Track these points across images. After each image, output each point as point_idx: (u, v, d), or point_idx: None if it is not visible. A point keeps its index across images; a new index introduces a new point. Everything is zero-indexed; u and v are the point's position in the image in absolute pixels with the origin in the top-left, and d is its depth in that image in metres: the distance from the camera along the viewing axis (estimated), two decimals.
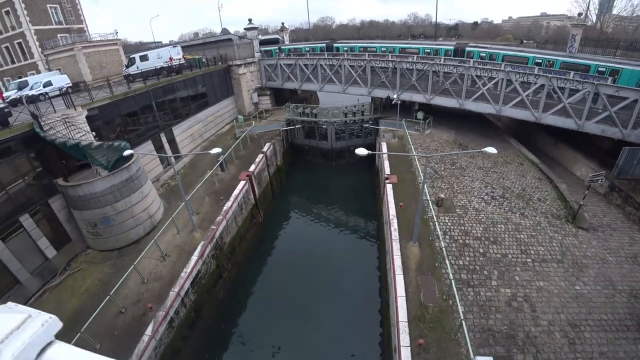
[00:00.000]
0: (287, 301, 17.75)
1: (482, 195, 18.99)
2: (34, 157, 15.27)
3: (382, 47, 35.09)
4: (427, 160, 22.15)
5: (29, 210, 14.72)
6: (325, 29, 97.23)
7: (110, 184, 16.05)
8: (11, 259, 13.73)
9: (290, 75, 31.85)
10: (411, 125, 26.58)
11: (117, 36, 30.62)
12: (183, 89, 25.89)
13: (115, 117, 19.55)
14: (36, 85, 21.28)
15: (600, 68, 23.04)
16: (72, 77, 24.86)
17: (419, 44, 34.75)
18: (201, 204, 20.29)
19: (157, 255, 16.06)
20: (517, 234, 16.24)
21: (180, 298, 14.38)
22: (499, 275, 14.02)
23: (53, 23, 29.57)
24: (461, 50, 30.26)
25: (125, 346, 12.07)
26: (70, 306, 13.87)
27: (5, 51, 29.99)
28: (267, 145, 26.73)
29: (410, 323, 12.28)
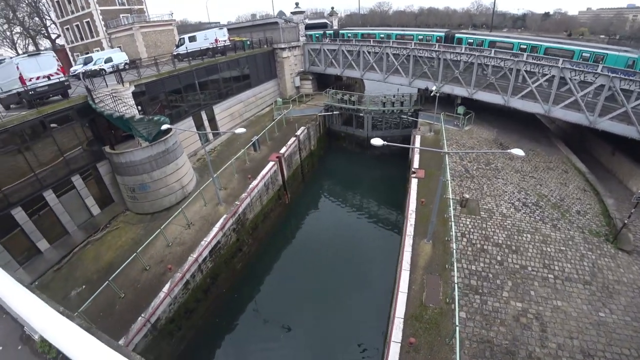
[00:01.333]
0: (302, 282, 18.46)
1: (512, 201, 17.80)
2: (87, 126, 17.33)
3: (381, 33, 37.26)
4: (461, 158, 21.37)
5: (80, 172, 16.90)
6: (381, 14, 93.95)
7: (148, 154, 17.69)
8: (63, 212, 15.99)
9: (333, 61, 31.71)
10: (451, 120, 25.32)
11: (173, 17, 32.82)
12: (226, 70, 27.12)
13: (159, 94, 21.27)
14: (99, 61, 23.78)
15: (584, 54, 24.04)
16: (130, 54, 27.34)
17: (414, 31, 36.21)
18: (230, 180, 21.51)
19: (184, 223, 17.55)
20: (544, 246, 15.08)
21: (198, 264, 15.67)
22: (513, 287, 13.24)
23: (117, 4, 32.50)
24: (451, 37, 32.39)
25: (144, 299, 13.60)
26: (106, 258, 15.86)
27: (76, 29, 33.76)
28: (301, 129, 27.21)
29: (406, 320, 12.23)
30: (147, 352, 12.97)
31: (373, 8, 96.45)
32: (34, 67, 15.55)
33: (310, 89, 35.07)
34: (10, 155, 14.33)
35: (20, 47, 47.64)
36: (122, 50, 28.92)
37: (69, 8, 33.56)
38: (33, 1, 43.58)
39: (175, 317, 14.35)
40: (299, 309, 16.83)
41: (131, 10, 33.61)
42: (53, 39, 46.38)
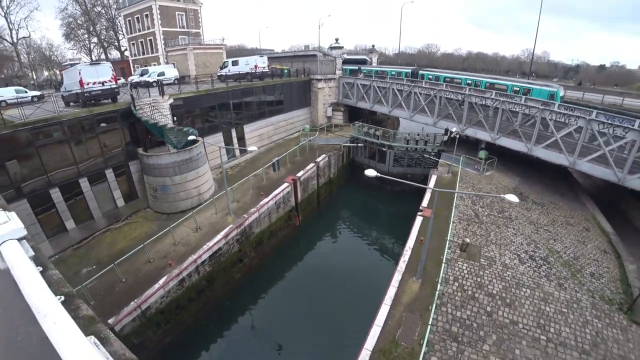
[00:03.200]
0: (296, 302, 18.81)
1: (519, 252, 16.99)
2: (127, 128, 19.84)
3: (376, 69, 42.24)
4: (473, 202, 20.95)
5: (114, 167, 19.23)
6: (429, 56, 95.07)
7: (174, 159, 19.64)
8: (92, 199, 18.21)
9: (365, 95, 32.95)
10: (472, 163, 24.92)
11: (224, 42, 36.57)
12: (261, 94, 29.45)
13: (195, 109, 23.72)
14: (153, 74, 27.21)
15: (515, 87, 29.06)
16: (181, 71, 30.80)
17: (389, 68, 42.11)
18: (244, 195, 22.86)
19: (193, 227, 18.95)
20: (543, 305, 14.13)
21: (196, 265, 16.76)
22: (497, 341, 12.51)
23: (177, 27, 37.12)
24: (416, 73, 37.92)
25: (141, 286, 14.83)
26: (119, 245, 17.56)
27: (140, 44, 39.07)
28: (322, 157, 28.25)
29: (373, 354, 12.12)
30: (133, 335, 14.03)
31: (421, 49, 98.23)
32: (93, 74, 18.49)
33: (340, 120, 36.48)
34: (59, 144, 16.93)
35: (95, 55, 55.77)
36: (175, 66, 32.72)
37: (137, 26, 39.24)
38: (111, 17, 51.24)
39: (165, 309, 15.38)
40: (286, 327, 17.09)
41: (189, 33, 38.11)
42: (122, 50, 53.55)
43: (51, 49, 61.45)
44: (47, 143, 16.50)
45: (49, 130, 16.28)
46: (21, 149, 15.68)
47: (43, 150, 16.18)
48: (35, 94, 24.47)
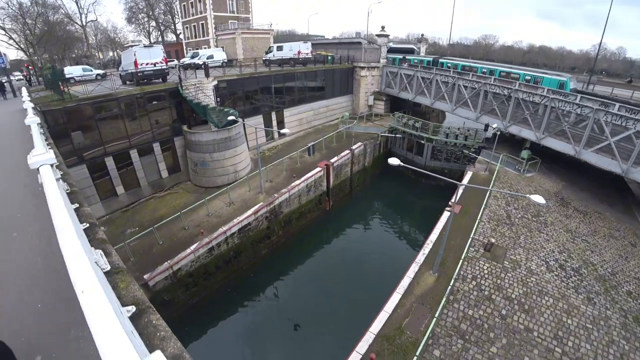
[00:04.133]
0: (317, 281, 19.61)
1: (548, 259, 16.15)
2: (174, 107, 21.59)
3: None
4: (507, 203, 20.13)
5: (160, 142, 21.15)
6: (485, 48, 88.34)
7: (213, 137, 21.07)
8: (140, 169, 20.31)
9: (407, 86, 32.12)
10: (513, 163, 23.60)
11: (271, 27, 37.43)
12: (302, 79, 30.02)
13: (238, 91, 24.97)
14: (202, 56, 28.93)
15: (527, 77, 30.20)
16: (229, 54, 32.28)
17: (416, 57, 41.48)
18: (277, 175, 23.87)
19: (226, 201, 20.35)
20: (565, 317, 13.46)
21: (225, 236, 18.11)
22: (506, 345, 12.25)
23: (228, 12, 38.58)
24: (436, 61, 38.24)
25: (175, 250, 16.45)
26: (160, 212, 19.45)
27: (193, 28, 41.45)
28: (358, 145, 28.36)
29: (377, 337, 12.51)
30: (164, 292, 15.75)
31: (478, 40, 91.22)
32: (146, 55, 20.31)
33: (382, 110, 36.00)
34: (114, 118, 19.04)
35: (153, 37, 60.18)
36: (223, 50, 34.33)
37: (191, 11, 41.64)
38: (169, 2, 54.71)
39: (194, 273, 16.94)
40: (303, 304, 17.96)
41: (238, 18, 39.52)
42: (177, 34, 57.12)
43: (115, 32, 67.82)
44: (105, 117, 18.69)
45: (106, 105, 18.41)
46: (84, 121, 17.93)
47: (101, 123, 18.38)
48: (99, 73, 27.46)
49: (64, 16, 50.65)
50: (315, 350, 15.64)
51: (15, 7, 40.36)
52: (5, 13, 40.20)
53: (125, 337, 1.66)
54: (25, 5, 41.91)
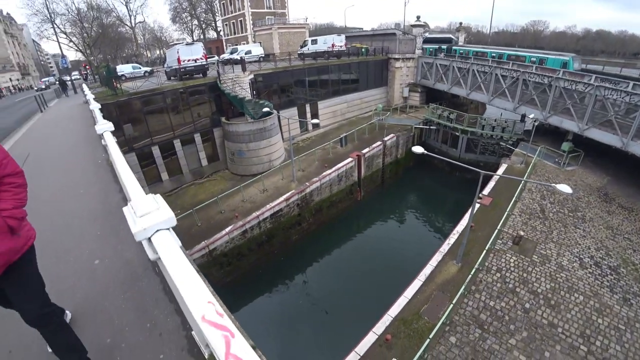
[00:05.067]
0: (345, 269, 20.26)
1: (582, 256, 15.50)
2: (213, 100, 23.22)
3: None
4: (542, 197, 19.48)
5: (201, 132, 22.91)
6: (534, 35, 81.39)
7: (249, 128, 22.40)
8: (182, 158, 22.25)
9: (443, 77, 31.32)
10: (553, 155, 22.43)
11: (307, 22, 38.12)
12: (336, 72, 30.51)
13: (273, 84, 26.12)
14: (241, 52, 30.46)
15: (532, 58, 30.93)
16: (267, 49, 33.52)
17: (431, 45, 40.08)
18: (309, 165, 24.74)
19: (260, 188, 21.62)
20: (595, 316, 12.95)
21: (258, 221, 19.38)
22: (526, 339, 12.11)
23: (265, 8, 39.80)
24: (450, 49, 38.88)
25: (211, 231, 18.02)
26: (200, 197, 21.19)
27: (232, 25, 43.44)
28: (390, 136, 28.42)
29: (395, 320, 13.01)
30: (200, 268, 17.16)
31: (525, 27, 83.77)
32: (188, 52, 22.03)
33: (417, 101, 35.45)
34: (159, 111, 21.01)
35: (195, 35, 63.79)
36: (261, 45, 35.69)
37: (230, 8, 43.60)
38: (209, 1, 57.62)
39: (228, 253, 18.40)
40: (330, 289, 18.73)
41: (275, 13, 40.66)
42: (218, 31, 60.04)
43: (161, 31, 72.79)
44: (152, 110, 20.76)
45: (153, 99, 20.43)
46: (133, 113, 20.05)
47: (148, 116, 20.45)
48: (147, 70, 30.11)
49: (115, 19, 55.42)
50: (336, 331, 16.40)
51: (74, 13, 45.02)
52: (66, 19, 45.09)
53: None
54: (82, 11, 46.59)
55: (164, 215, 2.53)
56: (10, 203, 2.29)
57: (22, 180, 2.46)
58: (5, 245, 2.22)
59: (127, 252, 4.73)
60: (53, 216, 5.95)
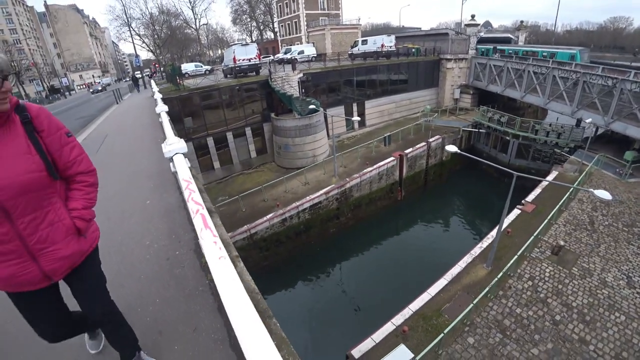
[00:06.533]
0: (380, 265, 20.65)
1: (631, 274, 14.39)
2: (264, 97, 25.14)
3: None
4: (593, 208, 18.33)
5: (251, 126, 24.99)
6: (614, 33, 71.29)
7: (295, 124, 23.89)
8: (234, 149, 24.50)
9: (497, 78, 29.91)
10: (614, 165, 20.61)
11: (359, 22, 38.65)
12: (385, 72, 30.83)
13: (321, 83, 27.37)
14: (294, 52, 32.14)
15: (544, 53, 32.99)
16: (319, 49, 34.83)
17: None
18: (352, 162, 25.53)
19: (303, 181, 23.00)
20: (637, 339, 12.10)
21: (297, 210, 20.73)
22: (551, 350, 11.68)
23: (319, 9, 41.02)
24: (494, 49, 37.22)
25: (254, 217, 19.75)
26: (247, 185, 23.11)
27: (287, 26, 45.54)
28: (435, 137, 28.08)
29: (414, 314, 13.44)
30: (241, 250, 19.13)
31: (604, 24, 73.30)
32: (243, 52, 24.19)
33: (468, 104, 34.28)
34: (215, 105, 23.42)
35: (254, 36, 67.65)
36: (314, 45, 37.11)
37: (286, 10, 45.76)
38: (268, 3, 60.70)
39: (267, 238, 20.02)
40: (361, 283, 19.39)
41: (329, 15, 41.82)
42: (275, 32, 62.98)
43: (223, 32, 78.48)
44: (209, 104, 23.27)
45: (210, 94, 22.91)
46: (193, 107, 22.66)
47: (206, 109, 22.94)
48: (207, 68, 33.23)
49: (182, 21, 61.26)
50: (359, 319, 17.11)
51: (147, 17, 51.00)
52: (140, 22, 51.41)
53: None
54: (154, 15, 52.54)
55: (181, 146, 4.26)
56: (80, 203, 2.22)
57: (94, 180, 2.38)
58: (71, 248, 2.15)
59: (168, 198, 6.35)
60: (122, 171, 8.50)
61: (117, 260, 4.40)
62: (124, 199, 6.60)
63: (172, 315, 3.43)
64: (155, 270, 4.15)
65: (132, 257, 4.46)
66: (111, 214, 5.80)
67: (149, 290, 3.82)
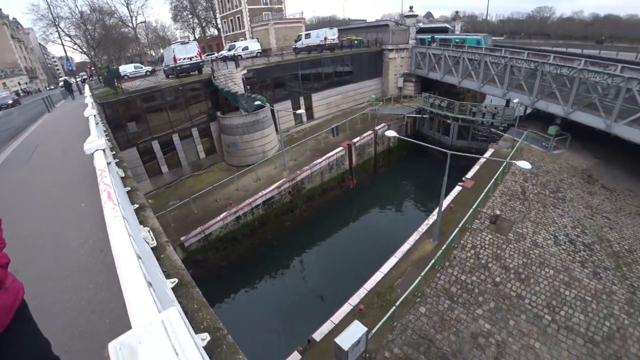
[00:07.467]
0: (337, 251, 21.14)
1: (558, 234, 15.95)
2: (209, 95, 24.44)
3: None
4: (524, 179, 19.89)
5: (198, 127, 24.19)
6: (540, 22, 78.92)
7: (242, 121, 23.49)
8: (181, 151, 23.58)
9: (436, 66, 31.61)
10: (540, 139, 22.72)
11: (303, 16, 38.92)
12: (329, 65, 31.27)
13: (266, 78, 27.15)
14: (238, 48, 31.55)
15: (456, 40, 35.07)
16: (264, 45, 34.49)
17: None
18: (302, 154, 25.66)
19: (254, 177, 22.73)
20: (563, 289, 13.43)
21: (251, 207, 20.47)
22: (493, 309, 12.74)
23: (261, 4, 40.78)
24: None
25: (206, 218, 19.21)
26: (197, 187, 22.30)
27: (230, 22, 44.83)
28: (381, 125, 29.05)
29: (369, 292, 13.89)
30: (197, 253, 18.60)
31: (531, 13, 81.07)
32: (183, 51, 23.31)
33: (412, 91, 35.83)
34: (158, 107, 22.36)
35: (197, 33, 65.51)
36: (258, 41, 36.71)
37: (228, 6, 44.93)
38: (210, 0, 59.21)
39: (223, 238, 19.59)
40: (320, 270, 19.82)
41: (272, 9, 41.61)
42: (218, 28, 61.35)
43: (164, 30, 74.94)
44: (151, 107, 22.13)
45: (152, 96, 21.80)
46: (134, 110, 21.46)
47: (148, 112, 21.83)
48: (148, 69, 31.64)
49: (117, 20, 57.39)
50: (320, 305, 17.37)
51: (78, 16, 47.07)
52: (70, 22, 47.27)
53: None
54: (85, 14, 48.67)
55: (100, 142, 4.49)
56: None
57: None
58: None
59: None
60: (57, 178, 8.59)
61: (53, 257, 4.87)
62: (58, 204, 6.79)
63: (105, 296, 3.89)
64: (90, 261, 4.58)
65: (67, 253, 4.88)
66: (46, 219, 6.17)
67: (82, 279, 4.27)
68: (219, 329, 3.28)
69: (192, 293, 3.80)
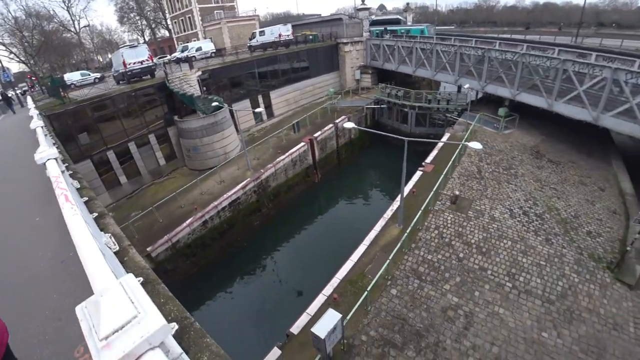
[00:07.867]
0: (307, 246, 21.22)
1: (512, 207, 17.02)
2: (164, 99, 23.52)
3: None
4: (479, 159, 20.88)
5: (155, 132, 23.22)
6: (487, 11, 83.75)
7: (201, 124, 22.85)
8: (139, 159, 22.54)
9: (390, 57, 32.47)
10: (492, 121, 24.05)
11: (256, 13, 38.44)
12: (285, 61, 31.15)
13: (222, 78, 26.57)
14: (192, 49, 30.59)
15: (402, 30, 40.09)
16: (218, 44, 33.71)
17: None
18: (264, 153, 25.39)
19: (218, 180, 22.20)
20: (520, 257, 14.40)
21: (217, 210, 20.02)
22: (459, 283, 13.41)
23: (212, 2, 39.86)
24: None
25: (172, 225, 18.55)
26: (160, 195, 21.51)
27: (181, 22, 43.37)
28: (342, 118, 29.38)
29: (342, 281, 14.09)
30: (166, 262, 17.93)
31: (479, 3, 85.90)
32: (133, 55, 22.25)
33: (369, 83, 36.53)
34: (111, 115, 21.21)
35: (147, 35, 62.32)
36: (212, 40, 35.82)
37: (177, 5, 43.42)
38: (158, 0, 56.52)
39: (192, 244, 19.02)
40: (292, 267, 19.83)
41: (223, 7, 40.74)
42: (169, 29, 58.89)
43: (110, 33, 70.62)
44: (103, 115, 20.92)
45: (102, 104, 20.60)
46: (84, 120, 20.18)
47: (100, 121, 20.64)
48: (96, 76, 29.90)
49: (58, 24, 53.19)
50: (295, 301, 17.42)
51: (11, 22, 43.07)
52: (3, 29, 43.09)
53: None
54: (20, 19, 44.58)
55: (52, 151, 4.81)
56: None
57: None
58: None
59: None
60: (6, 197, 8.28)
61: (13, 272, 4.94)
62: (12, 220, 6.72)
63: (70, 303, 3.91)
64: (51, 273, 4.64)
65: (27, 268, 4.92)
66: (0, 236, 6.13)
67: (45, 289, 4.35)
68: (186, 317, 3.53)
69: (159, 289, 4.02)
